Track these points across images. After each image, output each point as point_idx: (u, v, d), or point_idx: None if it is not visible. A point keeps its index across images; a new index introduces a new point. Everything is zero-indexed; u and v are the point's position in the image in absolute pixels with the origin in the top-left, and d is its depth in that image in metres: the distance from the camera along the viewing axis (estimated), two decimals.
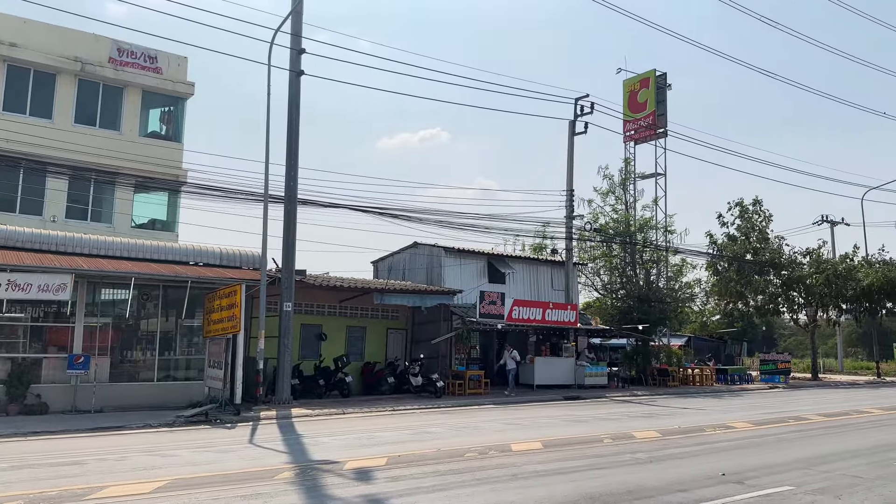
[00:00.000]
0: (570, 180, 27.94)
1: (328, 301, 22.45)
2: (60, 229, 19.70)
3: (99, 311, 17.72)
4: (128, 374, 17.85)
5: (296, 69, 19.16)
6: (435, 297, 22.69)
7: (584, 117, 27.87)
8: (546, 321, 24.58)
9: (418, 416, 16.83)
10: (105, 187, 22.28)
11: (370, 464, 9.64)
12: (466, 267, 26.07)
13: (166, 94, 24.21)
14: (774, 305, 37.40)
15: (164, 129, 24.72)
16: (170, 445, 11.70)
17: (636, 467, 9.60)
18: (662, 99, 34.29)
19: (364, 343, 23.41)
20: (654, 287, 30.61)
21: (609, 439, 12.34)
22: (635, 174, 32.93)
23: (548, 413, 17.43)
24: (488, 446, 11.27)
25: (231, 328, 16.55)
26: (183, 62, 24.55)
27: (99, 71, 22.69)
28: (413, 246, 27.07)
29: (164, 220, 24.22)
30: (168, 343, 18.62)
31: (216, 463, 10.00)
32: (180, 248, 20.11)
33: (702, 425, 14.70)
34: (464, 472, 9.08)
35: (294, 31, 19.08)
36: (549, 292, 28.17)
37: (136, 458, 10.31)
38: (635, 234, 30.26)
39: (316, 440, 12.37)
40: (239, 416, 15.72)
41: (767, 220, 37.16)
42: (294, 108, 19.20)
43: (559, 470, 9.28)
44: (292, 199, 19.03)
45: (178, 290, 17.95)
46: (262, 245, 17.90)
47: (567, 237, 27.78)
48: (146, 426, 14.26)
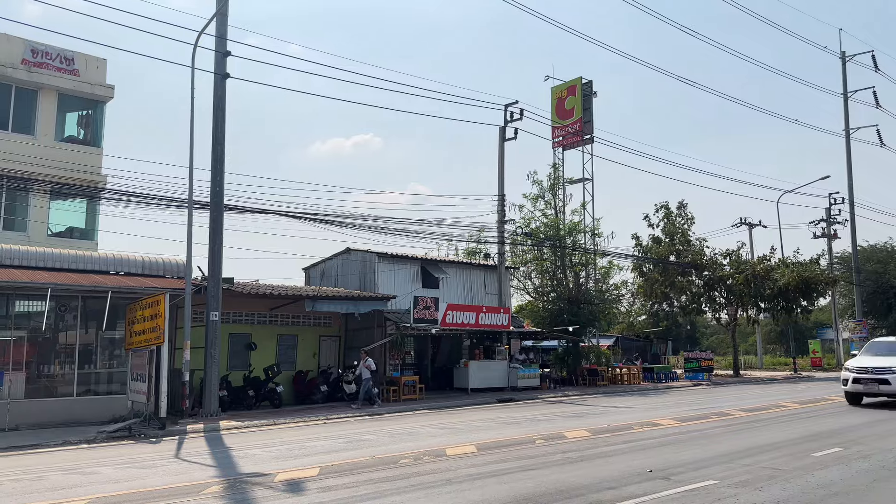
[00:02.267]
0: (501, 185, 28.28)
1: (258, 309, 21.98)
2: None
3: (13, 325, 16.80)
4: (45, 390, 16.97)
5: (221, 72, 18.71)
6: (368, 303, 22.53)
7: (513, 123, 28.26)
8: (480, 325, 24.76)
9: (352, 424, 16.66)
10: (19, 194, 21.19)
11: (302, 475, 9.47)
12: (400, 272, 26.02)
13: (84, 97, 23.24)
14: (697, 305, 38.77)
15: (81, 134, 23.71)
16: (90, 463, 11.19)
17: (568, 466, 9.77)
18: (588, 106, 35.12)
19: (296, 351, 23.01)
20: (584, 289, 31.26)
21: (541, 440, 12.52)
22: (564, 179, 33.58)
23: (482, 416, 17.55)
24: (423, 452, 11.26)
25: (155, 339, 15.97)
26: (102, 64, 23.63)
27: (11, 73, 21.60)
28: (346, 252, 26.83)
29: (82, 228, 23.21)
30: (88, 356, 17.82)
31: (140, 479, 9.62)
32: (100, 257, 19.26)
33: (630, 423, 15.09)
34: (398, 479, 9.04)
35: (219, 33, 18.64)
36: (483, 296, 28.41)
37: (54, 478, 9.81)
38: (565, 238, 30.84)
39: (245, 452, 12.07)
40: (164, 430, 15.19)
41: (690, 222, 38.54)
42: (219, 112, 18.73)
43: (493, 472, 9.35)
44: (218, 206, 18.56)
45: (98, 300, 17.17)
46: (187, 253, 17.38)
47: (499, 241, 28.09)
48: (65, 443, 13.59)
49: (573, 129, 34.97)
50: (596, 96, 35.69)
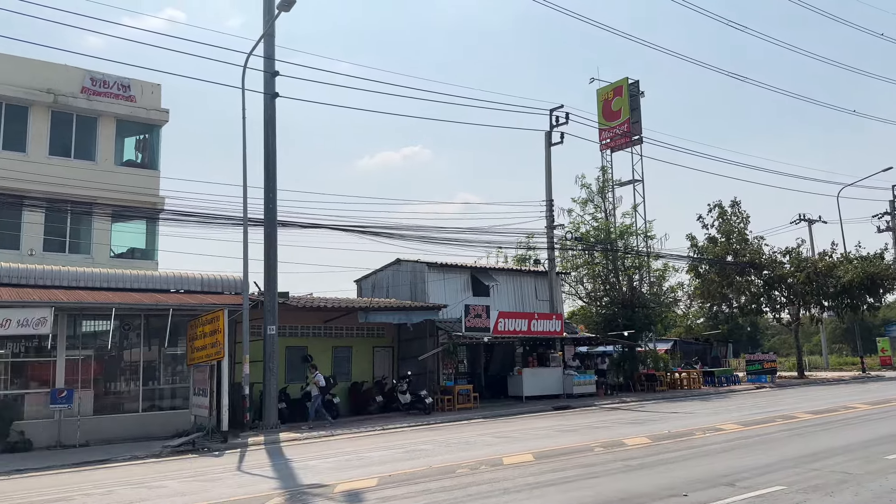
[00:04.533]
0: (548, 191, 28.11)
1: (312, 322, 22.31)
2: (38, 262, 19.47)
3: (81, 344, 17.49)
4: (112, 406, 17.60)
5: (270, 92, 19.13)
6: (420, 312, 22.63)
7: (559, 128, 28.13)
8: (532, 332, 24.59)
9: (408, 434, 16.72)
10: (82, 218, 22.05)
11: (361, 485, 9.55)
12: (450, 281, 26.06)
13: (141, 122, 24.08)
14: (757, 305, 37.72)
15: (139, 157, 24.57)
16: (157, 477, 11.52)
17: (628, 474, 9.60)
18: (636, 106, 34.64)
19: (350, 363, 23.26)
20: (638, 293, 30.75)
21: (600, 448, 12.34)
22: (613, 182, 33.19)
23: (538, 424, 17.40)
24: (480, 461, 11.22)
25: (215, 354, 16.38)
26: (156, 89, 24.45)
27: (72, 101, 22.55)
28: (396, 263, 27.02)
29: (143, 248, 24.01)
30: (152, 372, 18.40)
31: (204, 492, 9.86)
32: (161, 276, 19.92)
33: (691, 429, 14.74)
34: (455, 489, 9.03)
35: (267, 54, 19.08)
36: (534, 303, 28.22)
37: (123, 492, 10.14)
38: (616, 241, 30.43)
39: (305, 464, 12.25)
40: (226, 443, 15.54)
41: (746, 221, 37.58)
42: (270, 131, 19.15)
43: (552, 481, 9.25)
44: (272, 222, 18.95)
45: (160, 318, 17.74)
46: (244, 269, 17.79)
47: (549, 247, 27.90)
48: (132, 458, 14.04)
49: (621, 130, 34.53)
50: (643, 96, 35.19)
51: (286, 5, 16.72)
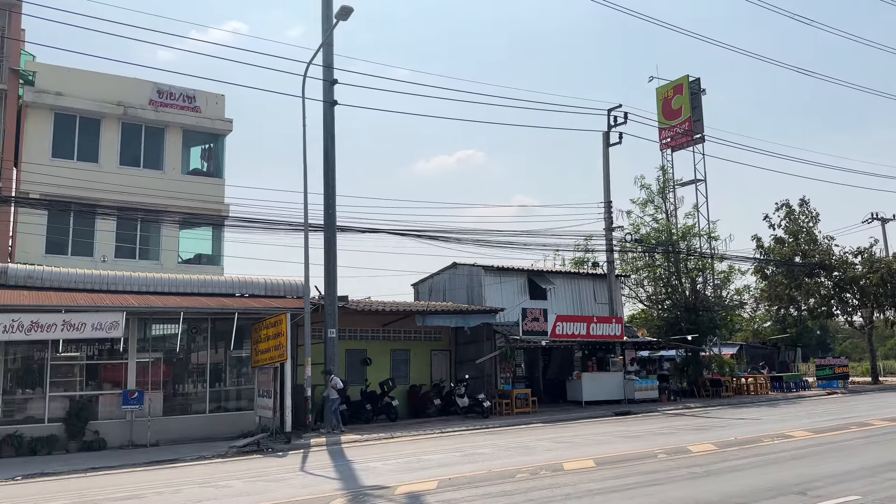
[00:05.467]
0: (607, 192, 27.74)
1: (371, 325, 22.58)
2: (111, 269, 20.32)
3: (150, 347, 18.16)
4: (180, 407, 18.20)
5: (329, 100, 19.50)
6: (477, 316, 22.63)
7: (617, 128, 27.75)
8: (591, 336, 24.28)
9: (467, 437, 16.73)
10: (152, 225, 22.91)
11: (421, 488, 9.60)
12: (507, 285, 25.97)
13: (206, 132, 24.87)
14: (827, 308, 36.33)
15: (205, 166, 25.37)
16: (224, 476, 11.85)
17: (693, 482, 9.37)
18: (697, 104, 33.92)
19: (409, 366, 23.44)
20: (701, 295, 30.02)
21: (664, 454, 12.08)
22: (674, 182, 32.51)
23: (599, 430, 17.16)
24: (539, 466, 11.14)
25: (278, 357, 16.76)
26: (220, 100, 25.22)
27: (141, 113, 23.45)
28: (452, 266, 27.10)
29: (209, 254, 24.76)
30: (218, 374, 18.96)
31: (269, 492, 10.09)
32: (226, 281, 20.57)
33: (759, 436, 14.29)
34: (515, 493, 8.98)
35: (326, 62, 19.46)
36: (593, 306, 27.85)
37: (191, 491, 10.47)
38: (678, 243, 29.79)
39: (366, 465, 12.39)
40: (290, 444, 15.86)
41: (815, 220, 36.28)
42: (329, 138, 19.52)
43: (613, 488, 9.11)
44: (331, 227, 19.29)
45: (225, 322, 18.30)
46: (305, 273, 18.16)
47: (608, 249, 27.51)
48: (200, 458, 14.47)
49: (682, 129, 33.84)
50: (704, 94, 34.45)
51: (344, 14, 17.01)
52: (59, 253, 21.40)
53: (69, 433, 16.21)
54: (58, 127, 22.28)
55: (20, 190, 21.15)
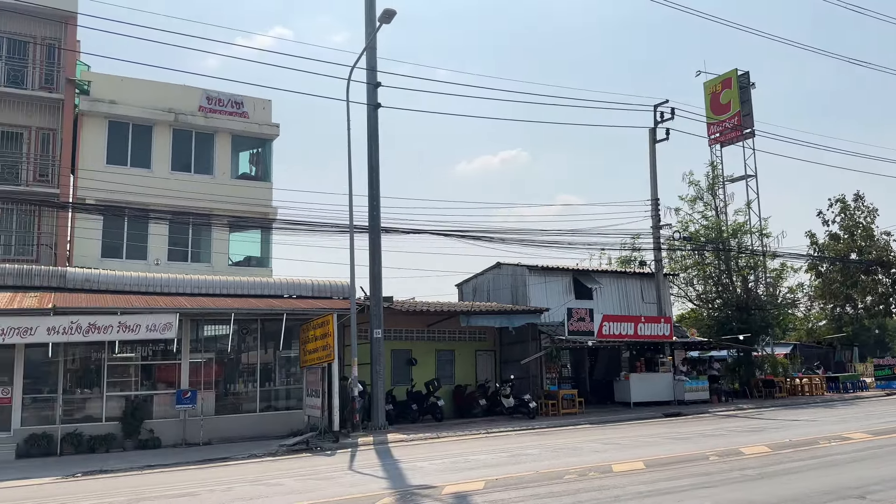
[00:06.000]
0: (654, 189, 27.32)
1: (416, 326, 22.69)
2: (164, 271, 20.89)
3: (203, 347, 18.61)
4: (232, 407, 18.60)
5: (373, 102, 19.67)
6: (521, 316, 22.53)
7: (664, 123, 27.29)
8: (639, 336, 23.93)
9: (513, 438, 16.68)
10: (203, 229, 23.45)
11: (468, 488, 9.60)
12: (551, 284, 25.79)
13: (253, 137, 25.34)
14: (885, 306, 35.12)
15: (253, 170, 25.85)
16: (275, 474, 12.06)
17: (746, 484, 9.15)
18: (747, 98, 33.17)
19: (454, 366, 23.48)
20: (753, 294, 29.32)
21: (715, 456, 11.83)
22: (723, 178, 31.84)
23: (648, 431, 16.90)
24: (588, 468, 11.02)
25: (325, 357, 16.99)
26: (267, 105, 25.66)
27: (191, 120, 24.02)
28: (496, 266, 27.04)
29: (258, 256, 25.23)
30: (268, 374, 19.31)
31: (319, 490, 10.22)
32: (275, 283, 20.97)
33: (815, 437, 13.87)
34: (564, 494, 8.91)
35: (369, 65, 19.64)
36: (640, 306, 27.44)
37: (243, 489, 10.68)
38: (728, 240, 29.16)
39: (413, 465, 12.46)
40: (338, 442, 16.05)
41: (872, 214, 35.07)
42: (373, 140, 19.69)
43: (664, 490, 8.96)
44: (376, 229, 19.46)
45: (274, 322, 18.64)
46: (350, 275, 18.37)
47: (655, 248, 27.08)
48: (251, 456, 14.76)
49: (731, 124, 33.12)
50: (754, 87, 33.68)
51: (387, 17, 17.14)
52: (114, 256, 22.06)
53: (125, 432, 16.72)
54: (112, 134, 22.96)
55: (77, 196, 21.89)
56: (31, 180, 21.53)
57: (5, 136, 21.66)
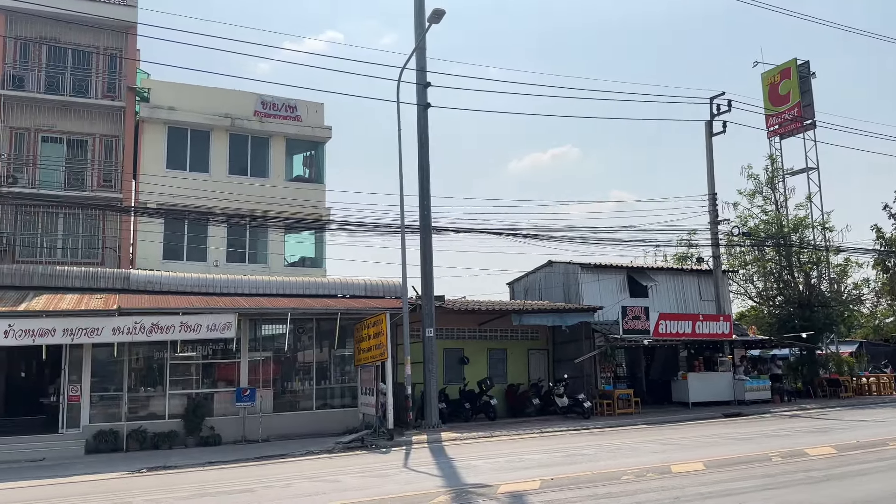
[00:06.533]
0: (711, 183, 26.68)
1: (468, 325, 22.69)
2: (222, 272, 21.43)
3: (260, 346, 19.02)
4: (289, 404, 18.95)
5: (422, 103, 19.77)
6: (575, 314, 22.30)
7: (721, 116, 26.64)
8: (697, 334, 23.40)
9: (567, 437, 16.52)
10: (259, 231, 23.97)
11: (523, 487, 9.56)
12: (605, 282, 25.44)
13: (307, 140, 25.74)
14: None
15: (307, 173, 26.27)
16: (332, 471, 12.24)
17: (812, 486, 8.85)
18: (807, 88, 32.06)
19: (506, 365, 23.40)
20: (816, 290, 28.34)
21: (778, 457, 11.48)
22: (783, 171, 30.87)
23: (707, 432, 16.52)
24: (645, 468, 10.84)
25: (379, 356, 17.16)
26: (320, 108, 26.04)
27: (246, 124, 24.56)
28: (548, 265, 26.82)
29: (312, 257, 25.63)
30: (323, 373, 19.61)
31: (375, 487, 10.33)
32: (329, 283, 21.31)
33: (884, 439, 13.32)
34: (621, 495, 8.78)
35: (419, 66, 19.73)
36: (698, 303, 26.83)
37: (302, 485, 10.88)
38: (789, 235, 28.26)
39: (467, 463, 12.47)
40: (392, 440, 16.19)
41: None
42: (423, 140, 19.78)
43: (725, 491, 8.74)
44: (427, 228, 19.54)
45: (329, 322, 18.93)
46: (402, 274, 18.50)
47: (713, 244, 26.44)
48: (308, 453, 15.01)
49: (790, 115, 32.08)
50: (814, 77, 32.50)
51: (436, 17, 17.20)
52: (175, 258, 22.72)
53: (187, 429, 17.21)
54: (171, 140, 23.65)
55: (139, 200, 22.63)
56: (95, 186, 22.36)
57: (71, 144, 22.55)
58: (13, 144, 21.79)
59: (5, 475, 13.29)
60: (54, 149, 22.43)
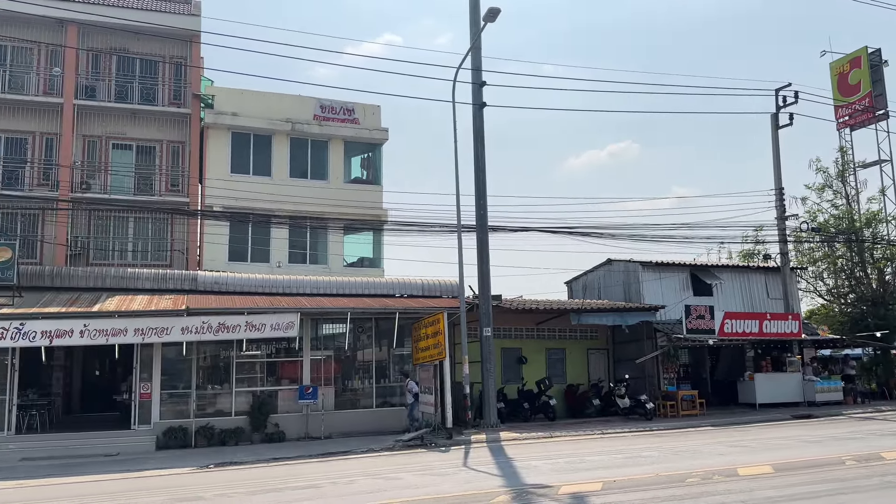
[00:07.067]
0: (778, 178, 25.83)
1: (525, 324, 22.58)
2: (285, 273, 21.94)
3: (321, 345, 19.40)
4: (350, 402, 19.27)
5: (478, 102, 19.77)
6: (635, 314, 21.92)
7: (787, 108, 25.76)
8: (764, 334, 22.68)
9: (629, 439, 16.26)
10: (319, 232, 24.44)
11: (585, 488, 9.46)
12: (667, 281, 24.91)
13: (364, 142, 26.10)
14: None
15: (364, 175, 26.64)
16: (392, 469, 12.38)
17: (889, 491, 8.49)
18: (879, 77, 30.72)
19: (565, 364, 23.19)
20: (891, 288, 27.10)
21: (852, 461, 11.03)
22: (854, 163, 29.64)
23: (775, 434, 16.00)
24: (711, 471, 10.57)
25: (437, 355, 17.26)
26: (377, 111, 26.36)
27: (306, 128, 25.06)
28: (607, 263, 26.44)
29: (370, 257, 25.98)
30: (382, 371, 19.84)
31: (435, 486, 10.39)
32: (387, 283, 21.58)
33: None
34: (685, 498, 8.60)
35: (474, 65, 19.74)
36: (765, 302, 26.01)
37: (364, 482, 11.04)
38: (861, 230, 27.13)
39: (526, 463, 12.41)
40: (451, 439, 16.25)
41: None
42: (479, 139, 19.78)
43: (796, 496, 8.46)
44: (483, 227, 19.54)
45: (387, 321, 19.17)
46: (459, 274, 18.55)
47: (780, 240, 25.60)
48: (369, 451, 15.22)
49: (861, 105, 30.77)
50: (887, 65, 31.11)
51: (491, 16, 17.17)
52: (240, 260, 23.36)
53: (253, 426, 17.68)
54: (235, 145, 24.33)
55: (205, 204, 23.36)
56: (163, 190, 23.19)
57: (140, 150, 23.45)
58: (86, 152, 22.79)
59: (85, 469, 13.95)
60: (124, 155, 23.35)
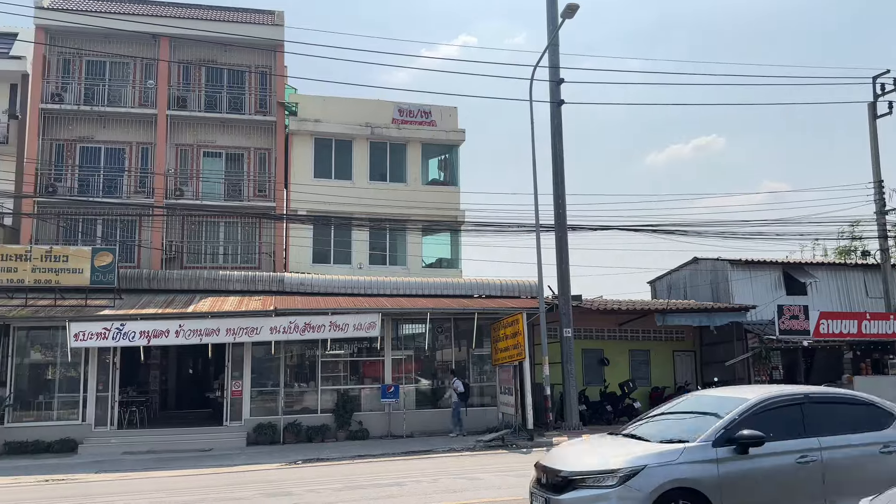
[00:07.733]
0: (876, 169, 24.37)
1: (607, 325, 22.18)
2: (366, 274, 22.39)
3: (402, 345, 19.69)
4: (430, 401, 19.43)
5: (556, 100, 19.58)
6: (724, 314, 21.17)
7: (885, 96, 24.24)
8: (863, 334, 21.43)
9: None
10: (398, 234, 24.80)
11: None
12: (757, 279, 23.92)
13: (441, 144, 26.28)
14: None
15: (442, 176, 26.84)
16: (474, 469, 12.43)
17: None
18: None
19: (649, 367, 22.64)
20: None
21: None
22: None
23: None
24: None
25: (517, 356, 17.20)
26: (453, 112, 26.50)
27: (385, 132, 25.47)
28: (693, 261, 25.63)
29: (448, 258, 26.14)
30: (462, 371, 19.92)
31: (518, 487, 10.33)
32: (465, 283, 21.68)
33: None
34: None
35: (552, 63, 19.57)
36: (864, 301, 24.59)
37: (447, 481, 11.13)
38: None
39: None
40: (532, 441, 16.14)
41: None
42: (557, 138, 19.58)
43: None
44: (562, 226, 19.32)
45: (466, 321, 19.25)
46: (538, 274, 18.40)
47: (880, 236, 24.14)
48: (450, 450, 15.33)
49: None
50: None
51: (570, 12, 16.98)
52: (323, 262, 23.98)
53: (338, 423, 18.12)
54: (317, 150, 24.98)
55: (290, 208, 24.12)
56: (251, 196, 24.07)
57: (229, 158, 24.43)
58: (178, 160, 23.94)
59: (182, 463, 14.67)
60: (214, 163, 24.38)
